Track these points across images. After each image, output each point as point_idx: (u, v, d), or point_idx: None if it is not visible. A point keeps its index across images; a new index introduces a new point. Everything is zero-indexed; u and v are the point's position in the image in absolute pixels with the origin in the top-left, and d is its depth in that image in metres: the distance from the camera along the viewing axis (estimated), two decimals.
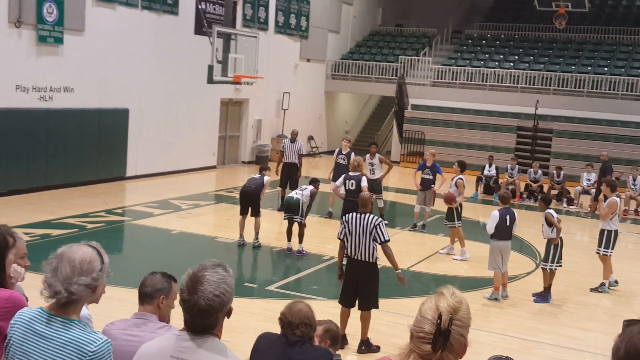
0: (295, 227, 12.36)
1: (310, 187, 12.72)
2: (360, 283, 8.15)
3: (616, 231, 11.44)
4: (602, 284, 11.47)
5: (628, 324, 2.40)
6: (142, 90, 19.15)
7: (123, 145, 18.69)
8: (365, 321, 8.18)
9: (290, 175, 16.14)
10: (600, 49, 28.53)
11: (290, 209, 12.26)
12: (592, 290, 11.47)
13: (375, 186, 14.89)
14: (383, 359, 2.51)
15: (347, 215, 8.38)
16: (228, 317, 2.82)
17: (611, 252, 11.45)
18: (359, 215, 8.23)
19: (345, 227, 8.27)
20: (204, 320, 2.75)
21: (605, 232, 11.45)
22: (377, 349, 8.14)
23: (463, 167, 13.35)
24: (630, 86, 24.94)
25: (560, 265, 10.76)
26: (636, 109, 24.50)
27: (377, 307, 8.24)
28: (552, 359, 8.53)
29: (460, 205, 13.08)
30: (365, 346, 8.17)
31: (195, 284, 2.74)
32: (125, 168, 18.90)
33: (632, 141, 23.98)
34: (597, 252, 11.63)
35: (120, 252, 12.62)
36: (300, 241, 12.35)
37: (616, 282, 11.66)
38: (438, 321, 2.31)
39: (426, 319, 2.34)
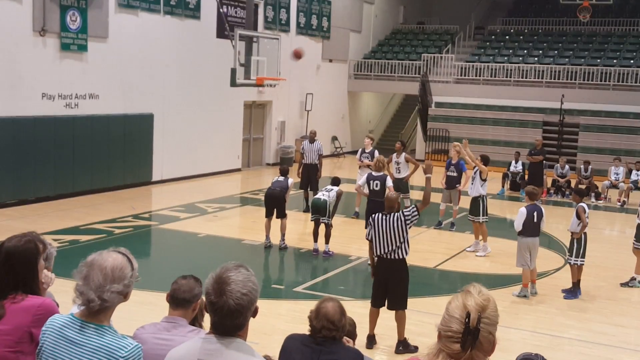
0: (322, 228, 12.37)
1: (337, 188, 12.73)
2: (390, 282, 8.12)
3: None
4: (633, 279, 11.32)
5: None
6: (166, 95, 19.30)
7: (148, 150, 18.85)
8: (400, 321, 8.13)
9: (311, 177, 16.13)
10: (626, 41, 28.16)
11: (318, 210, 12.28)
12: (622, 284, 11.32)
13: (402, 185, 14.74)
14: (412, 359, 2.50)
15: (373, 215, 8.37)
16: (254, 317, 2.83)
17: None
18: (385, 215, 8.21)
19: (371, 228, 8.26)
20: (234, 320, 2.75)
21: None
22: (415, 349, 8.06)
23: (486, 161, 13.24)
24: None
25: (583, 262, 10.60)
26: None
27: (405, 307, 8.21)
28: (583, 355, 8.44)
29: (485, 199, 12.95)
30: (403, 346, 8.11)
31: (222, 285, 2.74)
32: (151, 173, 19.06)
33: None
34: (634, 245, 11.42)
35: (148, 256, 12.73)
36: (327, 242, 12.36)
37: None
38: (466, 320, 2.29)
39: (454, 318, 2.32)
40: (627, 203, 19.11)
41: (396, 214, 8.21)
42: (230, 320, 2.75)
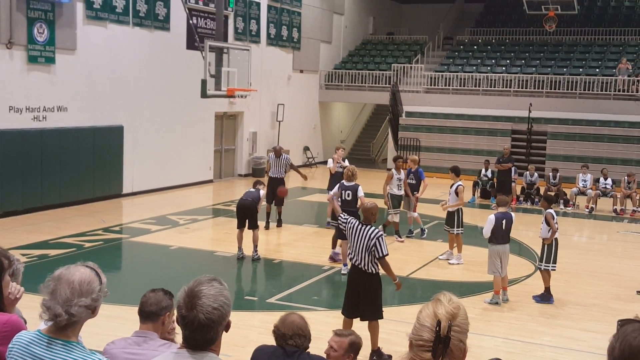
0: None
1: (335, 190, 12.54)
2: (362, 293, 8.11)
3: None
4: None
5: (622, 323, 2.40)
6: (136, 106, 19.16)
7: (119, 162, 18.68)
8: (373, 331, 8.11)
9: (275, 191, 15.96)
10: (591, 50, 28.65)
11: (333, 216, 12.77)
12: (638, 292, 11.37)
13: (405, 201, 14.75)
14: None
15: (353, 221, 8.33)
16: (226, 331, 2.81)
17: None
18: (361, 225, 8.19)
19: (347, 228, 8.28)
20: (205, 335, 2.73)
21: None
22: (388, 358, 8.07)
23: (457, 172, 13.31)
24: (621, 86, 25.02)
25: (554, 269, 10.73)
26: (629, 108, 24.57)
27: (381, 317, 8.17)
28: None
29: (461, 211, 13.05)
30: (377, 356, 8.09)
31: (193, 299, 2.72)
32: (122, 185, 18.88)
33: (625, 141, 24.05)
34: None
35: (119, 270, 12.60)
36: (334, 247, 12.68)
37: None
38: (437, 328, 2.30)
39: (425, 327, 2.33)
40: (595, 209, 19.40)
41: (372, 228, 8.12)
42: (201, 334, 2.73)
